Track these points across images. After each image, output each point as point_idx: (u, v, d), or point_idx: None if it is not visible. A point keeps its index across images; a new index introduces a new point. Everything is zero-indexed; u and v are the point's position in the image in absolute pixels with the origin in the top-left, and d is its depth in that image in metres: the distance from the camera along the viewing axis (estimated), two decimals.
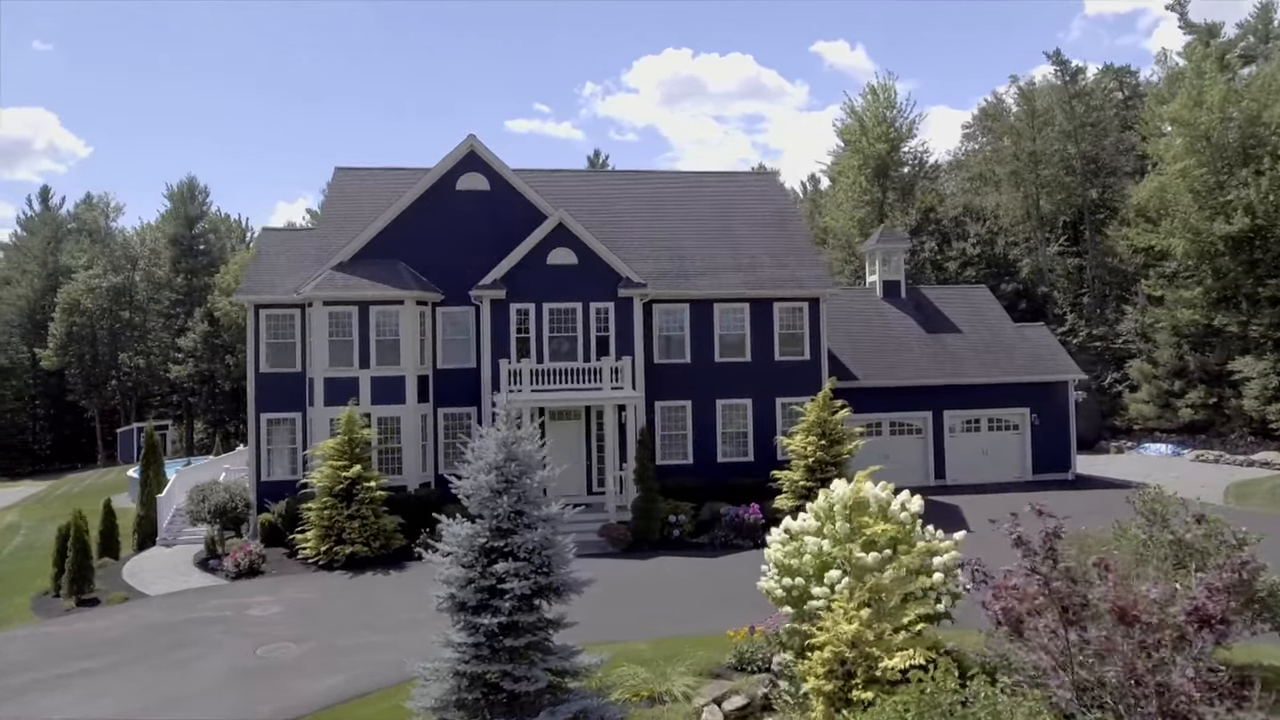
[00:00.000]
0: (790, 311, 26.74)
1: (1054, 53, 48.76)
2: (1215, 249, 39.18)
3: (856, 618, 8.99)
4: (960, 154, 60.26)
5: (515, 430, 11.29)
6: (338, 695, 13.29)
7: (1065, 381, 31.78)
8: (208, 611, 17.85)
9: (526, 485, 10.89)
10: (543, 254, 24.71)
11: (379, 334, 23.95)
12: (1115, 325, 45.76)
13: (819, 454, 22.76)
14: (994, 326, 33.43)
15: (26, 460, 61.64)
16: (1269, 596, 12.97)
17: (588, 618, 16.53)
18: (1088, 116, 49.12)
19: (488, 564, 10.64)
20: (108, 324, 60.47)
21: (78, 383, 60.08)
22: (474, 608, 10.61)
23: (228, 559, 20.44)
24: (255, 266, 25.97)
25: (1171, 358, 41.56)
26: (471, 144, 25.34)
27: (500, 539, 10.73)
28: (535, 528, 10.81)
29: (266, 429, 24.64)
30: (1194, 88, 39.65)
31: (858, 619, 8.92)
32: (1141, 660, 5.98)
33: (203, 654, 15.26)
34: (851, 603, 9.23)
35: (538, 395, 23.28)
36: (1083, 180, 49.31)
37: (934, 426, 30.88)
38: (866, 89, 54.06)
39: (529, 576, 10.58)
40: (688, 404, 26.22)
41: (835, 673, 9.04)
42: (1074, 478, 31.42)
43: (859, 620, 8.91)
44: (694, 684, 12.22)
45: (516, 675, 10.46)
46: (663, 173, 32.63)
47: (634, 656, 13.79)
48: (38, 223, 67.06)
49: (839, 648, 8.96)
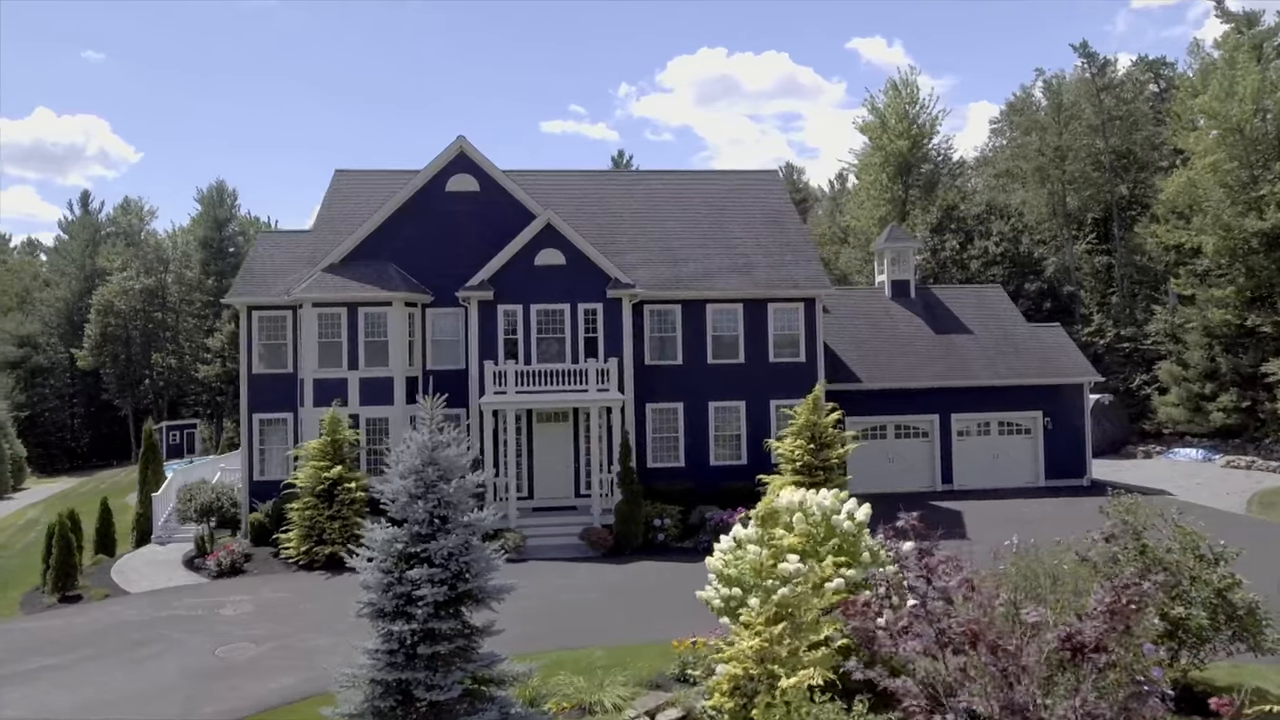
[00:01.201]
0: (785, 312, 26.23)
1: (1081, 44, 47.29)
2: (1248, 246, 37.55)
3: (761, 633, 8.60)
4: (988, 150, 58.82)
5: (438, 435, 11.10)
6: (283, 697, 13.27)
7: (1080, 384, 30.68)
8: (181, 610, 18.04)
9: (445, 491, 10.70)
10: (531, 254, 24.56)
11: (368, 335, 24.05)
12: (1144, 326, 44.17)
13: (807, 458, 22.24)
14: (1006, 327, 32.44)
15: (65, 458, 63.54)
16: (1246, 615, 12.26)
17: (548, 623, 16.44)
18: (1117, 110, 47.50)
19: (405, 570, 10.51)
20: (141, 325, 62.06)
21: (112, 382, 61.77)
22: (390, 614, 10.49)
23: (210, 558, 20.67)
24: (248, 268, 26.31)
25: (1202, 359, 39.91)
26: (461, 145, 25.32)
27: (418, 544, 10.57)
28: (454, 533, 10.63)
29: (259, 429, 24.91)
30: (1226, 78, 38.07)
31: (761, 635, 8.54)
32: (1007, 691, 5.53)
33: (163, 653, 15.39)
34: (759, 617, 8.85)
35: (523, 397, 23.16)
36: (1112, 176, 47.71)
37: (941, 430, 30.04)
38: (888, 85, 53.04)
39: (444, 583, 10.40)
40: (679, 406, 25.86)
41: (741, 689, 8.68)
42: (1089, 484, 30.31)
43: (762, 636, 8.52)
44: (630, 695, 11.92)
45: (431, 684, 10.30)
46: (660, 172, 32.29)
47: (587, 663, 13.55)
48: (77, 227, 69.14)
49: (744, 663, 8.59)
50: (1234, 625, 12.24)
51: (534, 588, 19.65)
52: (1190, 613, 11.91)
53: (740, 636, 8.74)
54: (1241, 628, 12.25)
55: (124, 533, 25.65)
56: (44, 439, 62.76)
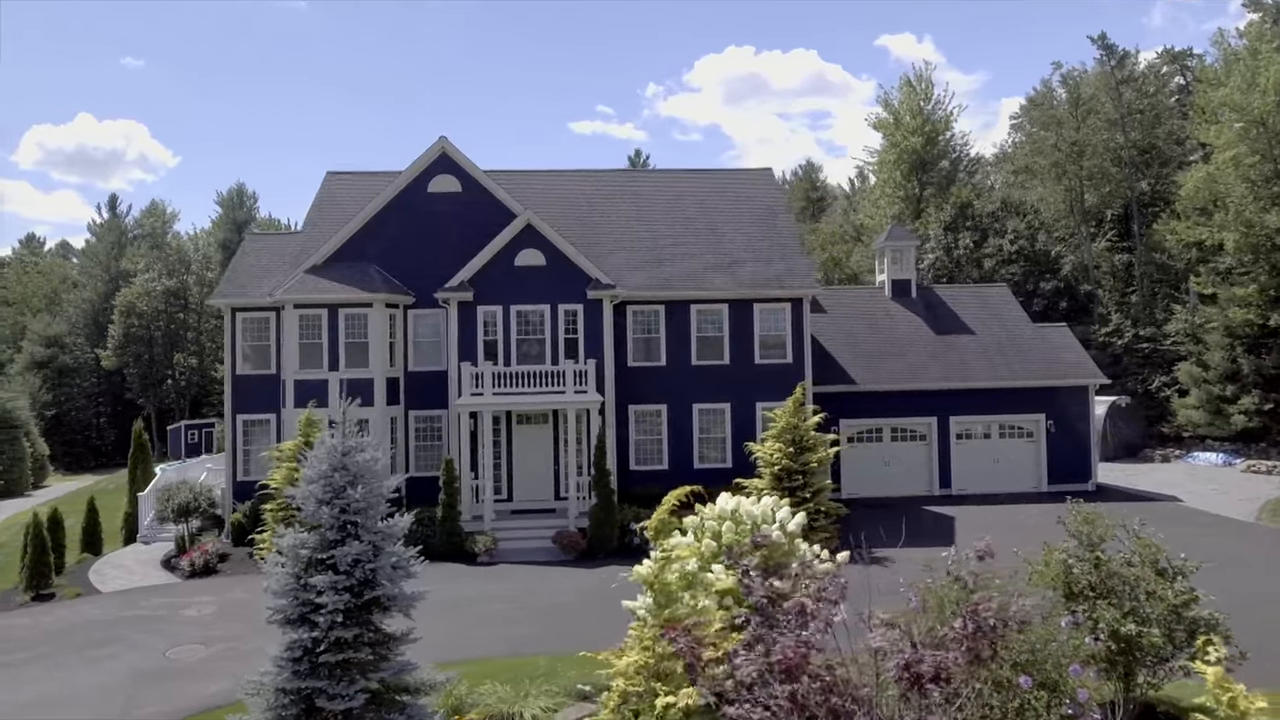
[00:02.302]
0: (772, 312, 25.74)
1: (1099, 36, 45.95)
2: (1270, 243, 36.18)
3: (649, 648, 8.27)
4: (1007, 146, 57.52)
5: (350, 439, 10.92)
6: (217, 700, 13.20)
7: (1085, 386, 29.72)
8: (145, 610, 18.15)
9: (352, 496, 10.52)
10: (511, 255, 24.39)
11: (348, 336, 24.05)
12: (1164, 326, 42.78)
13: (786, 461, 21.75)
14: (1010, 327, 31.56)
15: (90, 456, 64.88)
16: (1203, 633, 11.61)
17: (503, 628, 16.23)
18: (1137, 103, 46.07)
19: (309, 577, 10.35)
20: (163, 325, 63.17)
21: (135, 382, 62.96)
22: (294, 621, 10.34)
23: (184, 558, 20.80)
24: (234, 270, 26.49)
25: (1223, 360, 38.52)
26: (443, 145, 25.23)
27: (324, 551, 10.41)
28: (362, 539, 10.45)
29: (243, 430, 25.07)
30: (1248, 69, 36.69)
31: (647, 650, 8.20)
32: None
33: (117, 653, 15.47)
34: (650, 631, 8.51)
35: (499, 399, 22.98)
36: (1132, 171, 46.29)
37: (939, 432, 29.30)
38: (902, 81, 52.08)
39: (349, 590, 10.23)
40: (663, 408, 25.51)
41: (628, 704, 8.35)
42: (1094, 489, 29.35)
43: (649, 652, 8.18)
44: (553, 706, 11.65)
45: (333, 693, 10.13)
46: (652, 171, 32.00)
47: (528, 671, 13.32)
48: (104, 230, 70.69)
49: (630, 679, 8.26)
50: (1192, 644, 11.60)
51: (500, 591, 19.47)
52: (1142, 630, 11.30)
53: (630, 651, 8.41)
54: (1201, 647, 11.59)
55: (115, 532, 26.00)
56: (70, 438, 64.14)
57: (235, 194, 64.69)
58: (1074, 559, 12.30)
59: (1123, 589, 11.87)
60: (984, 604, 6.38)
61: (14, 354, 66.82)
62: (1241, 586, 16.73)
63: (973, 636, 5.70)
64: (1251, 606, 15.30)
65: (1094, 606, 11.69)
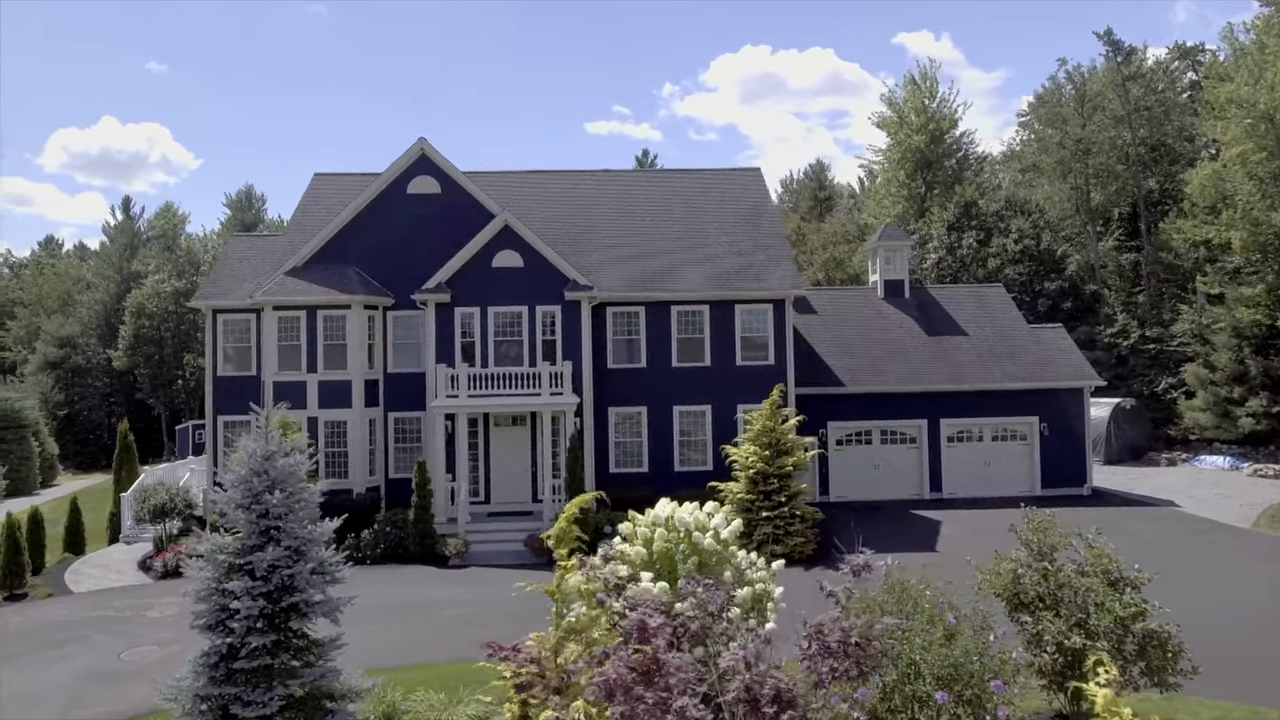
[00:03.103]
0: (754, 313, 25.45)
1: (1105, 31, 45.06)
2: (1278, 242, 35.29)
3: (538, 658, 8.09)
4: (1014, 144, 56.70)
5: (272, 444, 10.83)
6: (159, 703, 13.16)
7: (1079, 388, 29.12)
8: (110, 611, 18.20)
9: (270, 501, 10.43)
10: (488, 256, 24.29)
11: (326, 338, 24.06)
12: (1170, 326, 41.90)
13: (761, 465, 21.46)
14: (1004, 328, 31.01)
15: (102, 455, 65.69)
16: (1154, 648, 11.24)
17: (459, 631, 16.06)
18: (1145, 100, 45.18)
19: (226, 582, 10.28)
20: (173, 326, 63.85)
21: (145, 382, 63.71)
22: (213, 626, 10.29)
23: (156, 559, 20.87)
24: (217, 272, 26.61)
25: (1231, 361, 37.65)
26: (422, 146, 25.18)
27: (242, 556, 10.34)
28: (281, 544, 10.36)
29: (224, 432, 25.17)
30: (1255, 63, 35.83)
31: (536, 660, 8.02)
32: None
33: (72, 654, 15.50)
34: (548, 641, 8.34)
35: (475, 400, 22.89)
36: (1139, 169, 45.40)
37: (929, 435, 28.85)
38: (906, 79, 51.47)
39: (264, 596, 10.15)
40: (643, 410, 25.29)
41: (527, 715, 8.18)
42: (1089, 493, 28.79)
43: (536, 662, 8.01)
44: (484, 713, 11.50)
45: (248, 699, 10.06)
46: (638, 172, 31.79)
47: (472, 677, 13.16)
48: (117, 231, 71.59)
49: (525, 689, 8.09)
50: (1143, 659, 11.23)
51: (463, 595, 19.34)
52: (1088, 644, 10.94)
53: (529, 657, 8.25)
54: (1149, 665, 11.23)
55: (102, 532, 26.20)
56: (83, 437, 65.05)
57: (244, 196, 65.28)
58: (1024, 568, 11.98)
59: (1072, 600, 11.53)
60: (829, 625, 6.11)
61: (28, 354, 67.88)
62: (1217, 598, 16.27)
63: (814, 657, 5.45)
64: (1223, 617, 14.86)
65: (1038, 619, 11.38)
